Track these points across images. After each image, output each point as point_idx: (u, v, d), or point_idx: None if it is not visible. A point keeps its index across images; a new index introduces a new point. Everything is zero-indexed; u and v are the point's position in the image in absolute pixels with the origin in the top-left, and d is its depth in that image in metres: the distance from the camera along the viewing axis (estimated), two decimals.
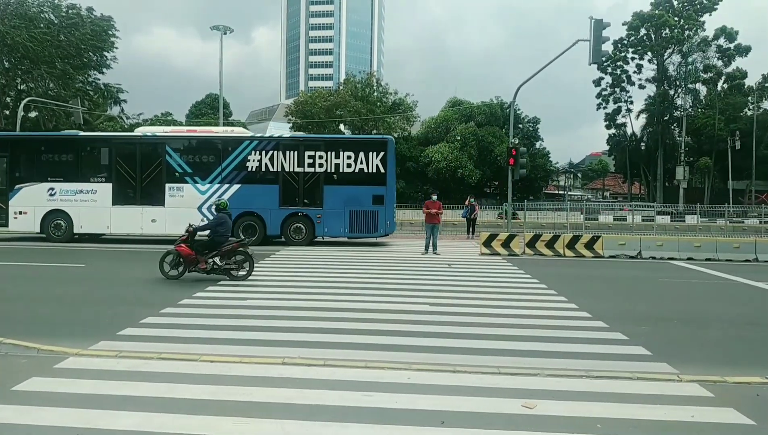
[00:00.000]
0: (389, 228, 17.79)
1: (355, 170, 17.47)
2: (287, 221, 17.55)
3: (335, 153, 17.50)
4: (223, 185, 17.52)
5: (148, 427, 3.96)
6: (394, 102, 57.16)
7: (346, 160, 17.47)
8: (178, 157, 17.63)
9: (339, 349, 6.11)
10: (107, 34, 43.56)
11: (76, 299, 8.99)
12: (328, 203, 17.52)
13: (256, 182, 17.57)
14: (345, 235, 17.90)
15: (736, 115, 52.59)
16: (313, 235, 17.64)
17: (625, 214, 33.58)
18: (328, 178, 17.52)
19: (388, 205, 17.50)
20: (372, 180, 17.45)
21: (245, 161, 17.51)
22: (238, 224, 17.29)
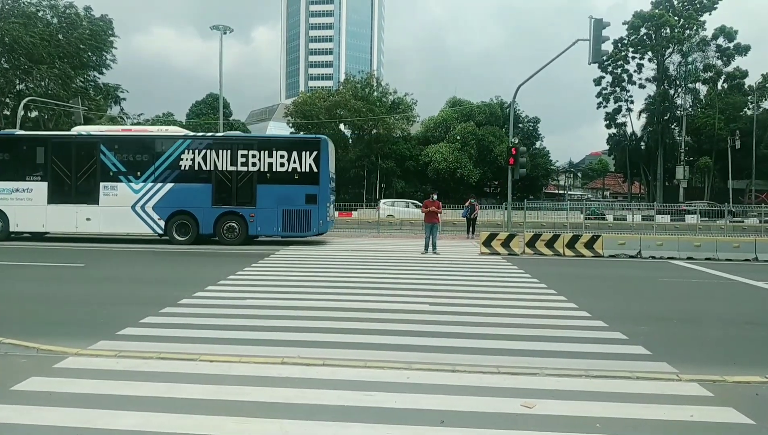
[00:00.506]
0: (323, 227, 17.88)
1: (288, 169, 17.52)
2: (220, 220, 17.59)
3: (268, 152, 17.57)
4: (157, 184, 17.55)
5: (148, 426, 3.96)
6: (394, 101, 57.17)
7: (280, 160, 17.52)
8: (112, 156, 17.64)
9: (338, 348, 6.11)
10: (106, 35, 43.57)
11: (75, 299, 8.99)
12: (261, 202, 17.54)
13: (189, 181, 17.60)
14: (279, 234, 17.99)
15: (736, 115, 52.58)
16: (246, 234, 17.68)
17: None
18: (261, 178, 17.55)
19: (321, 205, 17.57)
20: (305, 179, 17.50)
21: (178, 160, 17.55)
22: (171, 223, 17.48)
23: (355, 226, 28.21)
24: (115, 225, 17.73)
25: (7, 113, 40.00)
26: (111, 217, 17.41)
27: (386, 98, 57.48)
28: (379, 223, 26.25)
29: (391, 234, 24.72)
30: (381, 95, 57.67)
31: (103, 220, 17.53)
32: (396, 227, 27.78)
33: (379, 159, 54.70)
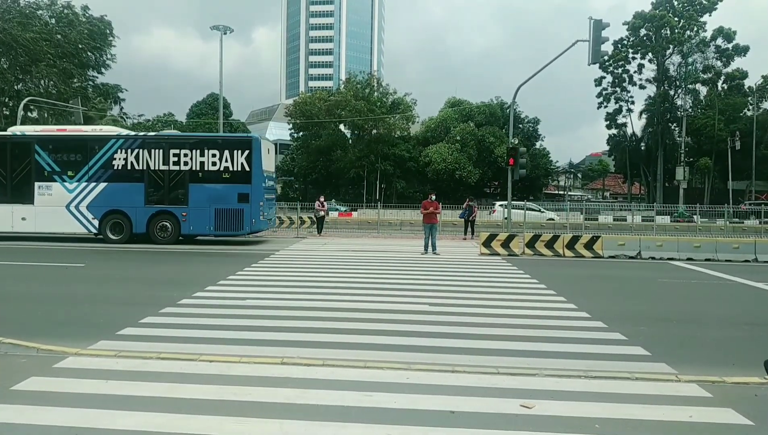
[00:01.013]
0: (255, 226, 17.91)
1: (220, 168, 17.55)
2: (153, 219, 17.62)
3: (200, 151, 17.62)
4: (91, 183, 17.63)
5: (148, 427, 3.96)
6: (394, 102, 57.19)
7: (212, 159, 17.55)
8: (46, 155, 17.71)
9: (338, 349, 6.12)
10: (105, 35, 43.58)
11: (75, 299, 9.00)
12: (193, 201, 17.56)
13: (122, 180, 17.65)
14: (211, 232, 18.03)
15: (736, 116, 52.57)
16: (178, 234, 17.71)
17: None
18: (193, 177, 17.58)
19: (253, 203, 17.58)
20: (238, 178, 17.52)
21: (112, 160, 17.61)
22: (105, 222, 17.57)
23: (355, 226, 28.22)
24: (50, 224, 17.84)
25: (6, 113, 39.99)
26: (46, 216, 17.51)
27: (386, 99, 57.50)
28: (379, 224, 26.26)
29: (391, 234, 24.72)
30: (381, 96, 57.69)
31: (39, 220, 17.65)
32: (396, 228, 27.79)
33: (379, 159, 54.70)
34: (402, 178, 57.10)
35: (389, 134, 55.22)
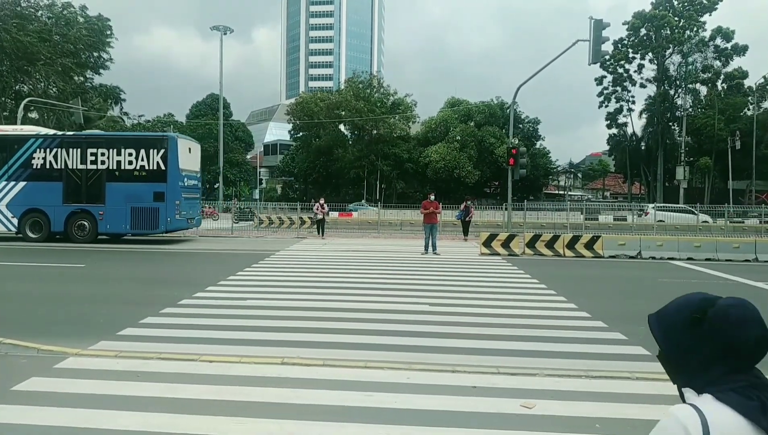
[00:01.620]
0: (171, 224, 17.99)
1: (136, 167, 17.67)
2: (71, 218, 17.72)
3: (117, 150, 17.73)
4: (10, 182, 17.78)
5: (148, 427, 3.97)
6: (394, 102, 57.20)
7: (128, 158, 17.68)
8: None
9: (338, 349, 6.12)
10: (103, 34, 43.61)
11: (76, 299, 9.00)
12: (110, 200, 17.67)
13: (41, 179, 17.75)
14: (128, 231, 18.15)
15: (737, 115, 52.54)
16: (96, 232, 17.80)
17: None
18: (110, 176, 17.69)
19: (169, 202, 17.66)
20: (153, 177, 17.63)
21: (31, 159, 17.72)
22: (24, 221, 17.69)
23: (355, 226, 28.22)
24: None
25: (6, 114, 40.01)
26: None
27: (387, 99, 57.51)
28: (380, 224, 26.27)
29: (392, 234, 24.72)
30: (382, 96, 57.69)
31: None
32: (396, 228, 27.80)
33: (379, 159, 54.71)
34: (402, 179, 57.11)
35: (389, 134, 55.23)
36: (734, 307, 1.29)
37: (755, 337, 1.24)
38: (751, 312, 1.27)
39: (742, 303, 1.30)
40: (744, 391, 1.19)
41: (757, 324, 1.25)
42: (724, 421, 1.16)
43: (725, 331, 1.25)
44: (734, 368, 1.24)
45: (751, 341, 1.23)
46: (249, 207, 32.98)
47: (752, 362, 1.25)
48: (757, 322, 1.26)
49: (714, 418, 1.17)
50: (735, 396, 1.18)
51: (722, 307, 1.30)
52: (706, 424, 1.16)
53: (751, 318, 1.26)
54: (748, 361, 1.24)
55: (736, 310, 1.28)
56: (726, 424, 1.16)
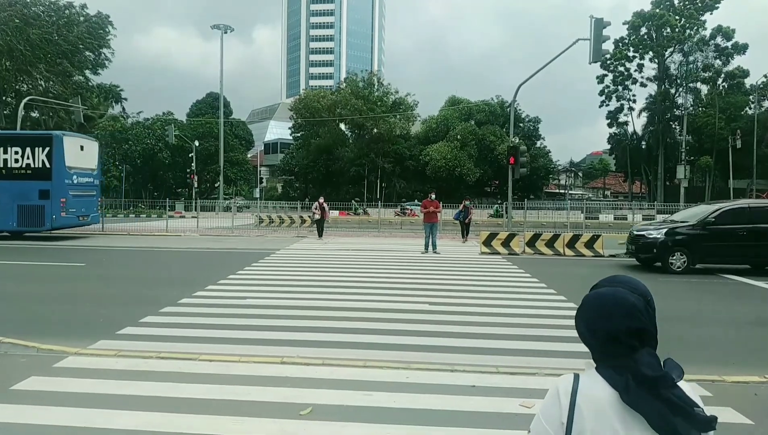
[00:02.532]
0: (57, 222, 18.15)
1: (22, 165, 17.85)
2: None
3: (4, 148, 17.86)
4: None
5: (147, 426, 3.96)
6: (395, 101, 57.19)
7: (14, 156, 17.84)
8: None
9: (338, 348, 6.12)
10: (104, 32, 43.61)
11: (75, 298, 9.00)
12: None
13: None
14: (15, 229, 18.26)
15: (737, 114, 52.52)
16: None
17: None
18: None
19: (54, 200, 17.81)
20: (39, 175, 17.80)
21: None
22: None
23: (355, 225, 28.22)
24: None
25: (7, 113, 40.02)
26: None
27: (387, 98, 57.49)
28: (380, 223, 26.25)
29: (392, 233, 24.72)
30: (382, 95, 57.67)
31: None
32: (396, 227, 27.80)
33: (379, 158, 54.69)
34: (402, 177, 57.10)
35: (389, 133, 55.23)
36: (595, 298, 1.43)
37: (593, 326, 1.40)
38: (611, 299, 1.39)
39: (608, 293, 1.41)
40: (619, 369, 1.33)
41: (611, 315, 1.37)
42: (592, 389, 1.35)
43: (587, 320, 1.42)
44: (611, 351, 1.37)
45: (592, 329, 1.40)
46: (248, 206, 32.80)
47: (624, 350, 1.35)
48: (613, 313, 1.37)
49: (585, 384, 1.37)
50: (610, 371, 1.35)
51: (588, 297, 1.46)
52: (576, 388, 1.37)
53: (605, 307, 1.39)
54: (618, 351, 1.36)
55: (597, 300, 1.42)
56: (593, 391, 1.35)
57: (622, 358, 1.34)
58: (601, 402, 1.33)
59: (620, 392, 1.31)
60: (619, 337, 1.35)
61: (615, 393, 1.32)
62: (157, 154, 52.72)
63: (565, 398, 1.37)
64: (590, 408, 1.33)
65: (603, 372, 1.36)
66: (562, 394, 1.38)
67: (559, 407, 1.38)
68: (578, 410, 1.34)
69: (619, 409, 1.31)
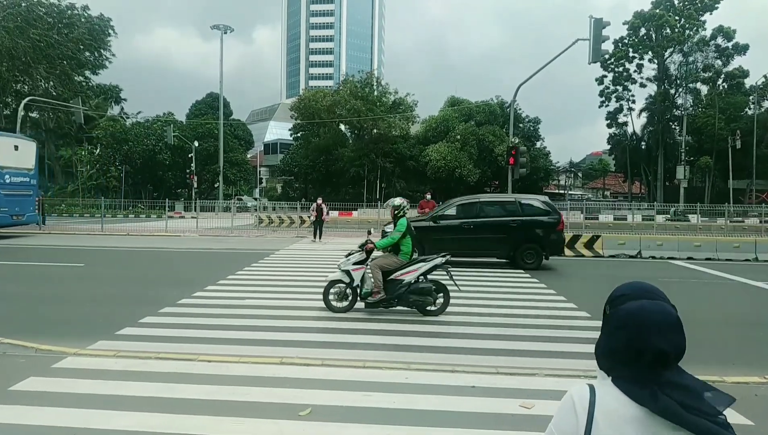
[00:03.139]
0: None
1: None
2: None
3: None
4: None
5: (146, 427, 3.96)
6: (395, 101, 57.15)
7: None
8: None
9: (337, 348, 6.11)
10: (105, 33, 43.63)
11: (74, 299, 8.99)
12: None
13: None
14: None
15: (737, 115, 52.49)
16: None
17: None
18: None
19: None
20: None
21: None
22: None
23: (355, 226, 28.20)
24: None
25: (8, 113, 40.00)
26: None
27: (386, 97, 57.45)
28: (380, 223, 26.19)
29: None
30: (381, 94, 57.64)
31: None
32: None
33: (378, 159, 54.68)
34: (402, 178, 57.06)
35: (389, 133, 55.20)
36: (636, 314, 1.33)
37: (645, 348, 1.29)
38: (659, 315, 1.31)
39: (651, 307, 1.33)
40: (642, 383, 1.27)
41: (659, 332, 1.29)
42: (611, 401, 1.29)
43: (622, 336, 1.34)
44: (640, 367, 1.30)
45: (646, 352, 1.29)
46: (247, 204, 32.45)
47: (656, 366, 1.28)
48: (660, 330, 1.29)
49: (603, 397, 1.31)
50: (629, 384, 1.29)
51: (622, 311, 1.37)
52: (593, 401, 1.31)
53: (654, 324, 1.30)
54: (651, 366, 1.29)
55: (638, 316, 1.33)
56: (611, 404, 1.28)
57: (650, 373, 1.28)
58: (619, 416, 1.27)
59: (647, 403, 1.25)
60: (665, 355, 1.28)
61: (635, 407, 1.27)
62: (157, 154, 52.69)
63: (582, 411, 1.31)
64: (608, 423, 1.28)
65: (621, 385, 1.31)
66: (579, 407, 1.32)
67: (576, 421, 1.32)
68: (596, 424, 1.29)
69: (641, 424, 1.25)
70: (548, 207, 13.60)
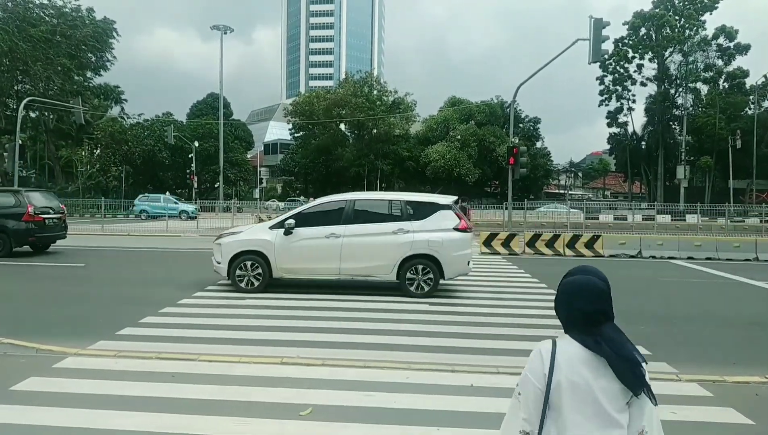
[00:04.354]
0: None
1: None
2: None
3: None
4: None
5: (147, 427, 3.95)
6: (394, 101, 57.16)
7: None
8: None
9: (338, 348, 6.11)
10: (108, 36, 43.66)
11: (75, 299, 8.98)
12: None
13: None
14: None
15: (737, 114, 52.47)
16: None
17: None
18: None
19: None
20: None
21: None
22: None
23: None
24: None
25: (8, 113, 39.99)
26: None
27: (386, 97, 57.45)
28: None
29: None
30: (380, 94, 57.64)
31: None
32: None
33: (378, 158, 54.69)
34: (401, 178, 57.09)
35: (389, 133, 55.21)
36: (570, 284, 1.90)
37: (572, 305, 1.86)
38: (588, 284, 1.86)
39: (589, 278, 1.88)
40: (588, 335, 1.81)
41: (583, 295, 1.85)
42: (568, 348, 1.82)
43: (563, 301, 1.90)
44: (581, 324, 1.83)
45: (570, 307, 1.86)
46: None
47: (592, 323, 1.82)
48: (586, 294, 1.85)
49: (563, 346, 1.83)
50: (579, 335, 1.83)
51: (561, 284, 1.94)
52: (555, 349, 1.83)
53: (581, 289, 1.86)
54: (587, 323, 1.82)
55: (572, 283, 1.90)
56: (567, 349, 1.82)
57: (591, 328, 1.81)
58: (573, 356, 1.80)
59: (591, 347, 1.78)
60: (592, 314, 1.82)
61: (584, 350, 1.79)
62: (157, 154, 52.73)
63: (546, 356, 1.82)
64: (565, 361, 1.79)
65: (575, 337, 1.83)
66: (544, 354, 1.84)
67: (542, 363, 1.83)
68: (557, 363, 1.79)
69: (587, 361, 1.78)
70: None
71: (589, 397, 1.77)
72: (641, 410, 1.82)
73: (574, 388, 1.77)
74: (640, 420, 1.82)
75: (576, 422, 1.76)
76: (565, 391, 1.77)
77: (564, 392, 1.77)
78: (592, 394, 1.76)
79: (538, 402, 1.81)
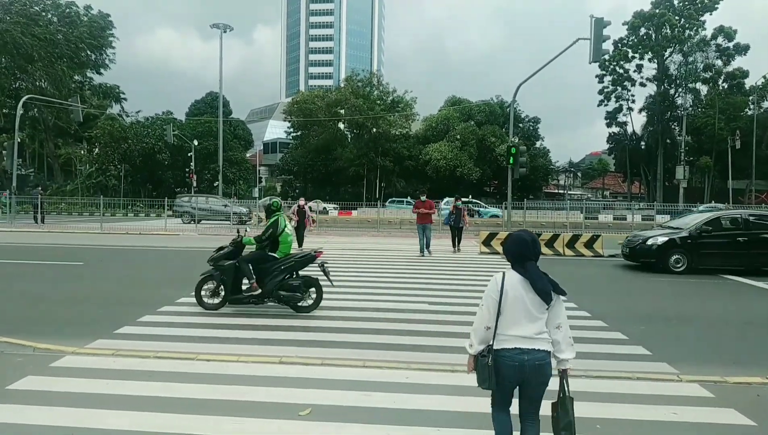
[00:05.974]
0: None
1: None
2: None
3: None
4: None
5: (145, 426, 3.93)
6: (394, 100, 57.12)
7: None
8: None
9: (337, 348, 6.08)
10: (104, 30, 43.62)
11: (73, 298, 8.95)
12: None
13: None
14: None
15: (737, 115, 52.47)
16: None
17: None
18: None
19: None
20: None
21: None
22: None
23: (354, 225, 28.17)
24: None
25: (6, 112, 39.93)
26: None
27: (386, 97, 57.42)
28: (379, 223, 26.20)
29: (391, 233, 24.67)
30: (381, 94, 57.60)
31: None
32: (395, 226, 27.75)
33: (378, 158, 54.64)
34: (401, 177, 57.06)
35: (389, 132, 55.17)
36: (513, 235, 3.24)
37: (511, 250, 3.18)
38: (520, 237, 3.18)
39: (521, 233, 3.22)
40: (521, 267, 3.11)
41: (517, 244, 3.16)
42: (513, 276, 3.11)
43: (508, 247, 3.20)
44: (515, 261, 3.15)
45: (510, 251, 3.18)
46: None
47: (522, 261, 3.12)
48: (518, 243, 3.16)
49: (509, 275, 3.11)
50: (518, 268, 3.12)
51: (510, 235, 3.26)
52: (504, 277, 3.11)
53: (516, 241, 3.17)
54: (518, 260, 3.13)
55: (512, 236, 3.23)
56: (513, 276, 3.11)
57: (523, 263, 3.10)
58: (514, 280, 3.09)
59: (522, 274, 3.08)
60: (521, 255, 3.13)
61: (519, 276, 3.09)
62: (156, 153, 52.64)
63: (498, 281, 3.11)
64: (510, 283, 3.08)
65: (516, 269, 3.12)
66: (498, 279, 3.13)
67: (496, 285, 3.11)
68: (505, 285, 3.08)
69: (521, 282, 3.07)
70: None
71: (522, 304, 3.04)
72: (556, 313, 3.16)
73: (514, 299, 3.05)
74: (557, 319, 3.15)
75: (515, 319, 3.06)
76: (509, 300, 3.05)
77: (508, 301, 3.05)
78: (524, 302, 3.04)
79: (494, 308, 3.07)
